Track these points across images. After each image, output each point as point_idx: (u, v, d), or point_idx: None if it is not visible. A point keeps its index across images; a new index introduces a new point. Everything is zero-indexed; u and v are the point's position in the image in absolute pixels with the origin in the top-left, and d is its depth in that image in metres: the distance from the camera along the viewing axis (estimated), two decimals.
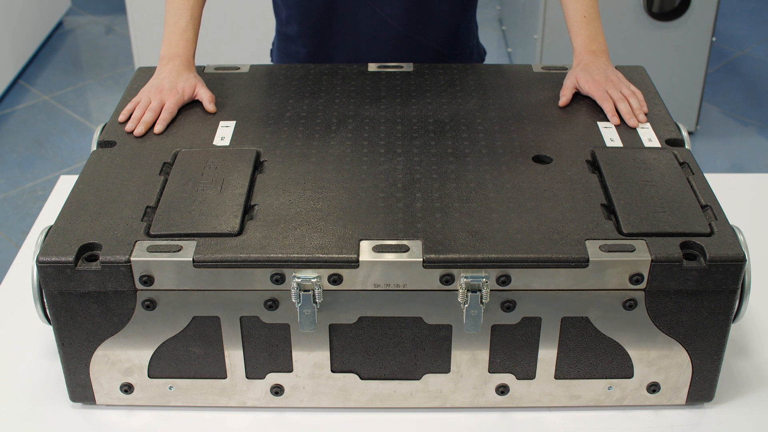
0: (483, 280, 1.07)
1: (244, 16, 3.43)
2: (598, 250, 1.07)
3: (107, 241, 1.09)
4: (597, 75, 1.43)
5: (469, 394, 1.17)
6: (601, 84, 1.41)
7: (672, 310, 1.10)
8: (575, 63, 1.48)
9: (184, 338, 1.13)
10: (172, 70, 1.44)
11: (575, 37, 1.50)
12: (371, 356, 1.15)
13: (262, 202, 1.17)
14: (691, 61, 3.27)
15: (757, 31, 4.38)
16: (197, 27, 1.50)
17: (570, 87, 1.43)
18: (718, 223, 1.12)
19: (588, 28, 1.49)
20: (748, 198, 1.60)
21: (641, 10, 3.17)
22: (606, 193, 1.19)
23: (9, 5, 3.76)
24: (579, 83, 1.43)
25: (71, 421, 1.17)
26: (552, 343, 1.13)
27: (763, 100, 3.77)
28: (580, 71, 1.44)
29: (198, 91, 1.42)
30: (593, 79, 1.42)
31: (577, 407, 1.18)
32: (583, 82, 1.42)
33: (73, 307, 1.10)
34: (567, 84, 1.44)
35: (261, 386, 1.17)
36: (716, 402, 1.19)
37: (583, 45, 1.48)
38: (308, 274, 1.07)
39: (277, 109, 1.40)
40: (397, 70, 1.52)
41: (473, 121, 1.37)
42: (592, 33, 1.49)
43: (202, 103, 1.42)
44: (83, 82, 3.96)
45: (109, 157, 1.28)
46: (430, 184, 1.20)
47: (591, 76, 1.42)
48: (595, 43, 1.48)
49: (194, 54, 1.49)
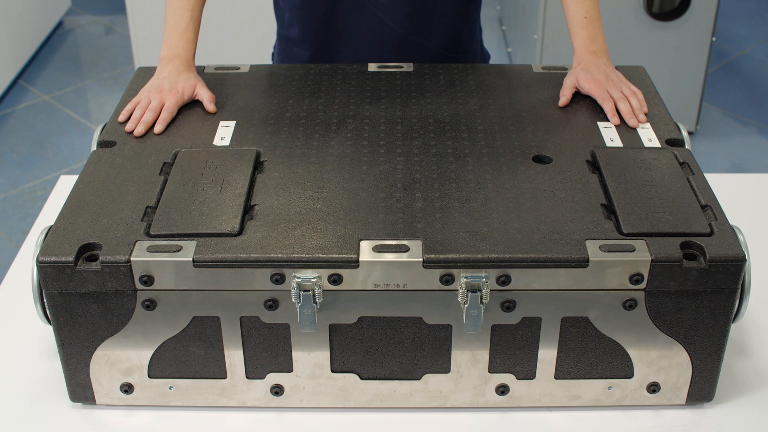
0: (483, 280, 1.07)
1: (245, 17, 3.43)
2: (598, 250, 1.08)
3: (107, 241, 1.09)
4: (597, 75, 1.43)
5: (469, 394, 1.17)
6: (602, 83, 1.41)
7: (672, 310, 1.10)
8: (575, 63, 1.49)
9: (184, 338, 1.13)
10: (172, 70, 1.44)
11: (576, 37, 1.50)
12: (371, 356, 1.15)
13: (262, 202, 1.17)
14: (691, 61, 3.27)
15: (757, 31, 4.38)
16: (197, 27, 1.50)
17: (570, 87, 1.43)
18: (718, 223, 1.12)
19: (589, 28, 1.49)
20: (748, 198, 1.60)
21: (641, 10, 3.17)
22: (606, 193, 1.19)
23: (9, 5, 3.76)
24: (579, 83, 1.43)
25: (71, 421, 1.17)
26: (552, 343, 1.13)
27: (763, 100, 3.77)
28: (581, 71, 1.44)
29: (198, 91, 1.42)
30: (594, 78, 1.42)
31: (577, 407, 1.18)
32: (584, 81, 1.42)
33: (73, 307, 1.10)
34: (567, 84, 1.44)
35: (261, 386, 1.17)
36: (716, 402, 1.19)
37: (584, 45, 1.49)
38: (308, 274, 1.07)
39: (277, 109, 1.40)
40: (397, 71, 1.52)
41: (473, 121, 1.37)
42: (592, 33, 1.49)
43: (202, 103, 1.42)
44: (83, 82, 3.96)
45: (109, 157, 1.28)
46: (430, 184, 1.20)
47: (591, 76, 1.42)
48: (596, 44, 1.48)
49: (194, 54, 1.49)
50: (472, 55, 1.73)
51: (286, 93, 1.45)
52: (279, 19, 1.71)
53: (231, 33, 3.45)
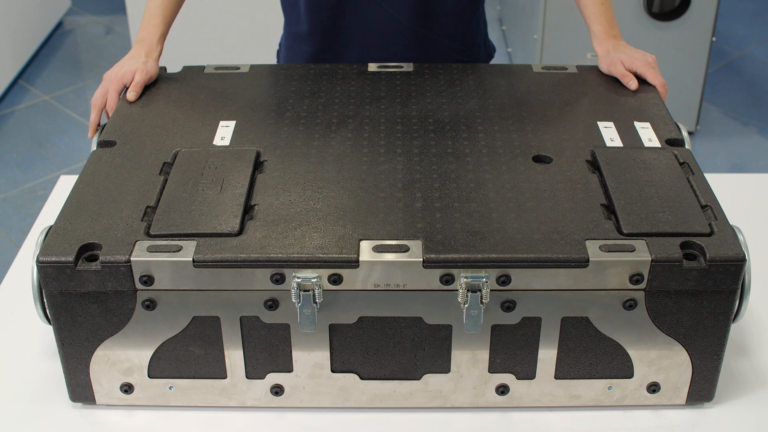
0: (483, 280, 1.07)
1: (247, 17, 3.43)
2: (598, 250, 1.07)
3: (107, 241, 1.09)
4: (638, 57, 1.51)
5: (469, 394, 1.17)
6: (649, 64, 1.50)
7: (672, 310, 1.10)
8: (600, 49, 1.55)
9: (184, 338, 1.13)
10: (130, 55, 1.52)
11: (595, 23, 1.56)
12: (371, 356, 1.15)
13: (262, 202, 1.17)
14: (691, 61, 3.27)
15: (757, 31, 4.38)
16: (168, 12, 1.56)
17: (625, 70, 1.49)
18: (718, 223, 1.12)
19: (606, 14, 1.56)
20: (748, 198, 1.60)
21: (641, 10, 3.17)
22: (606, 193, 1.19)
23: (9, 5, 3.76)
24: (632, 66, 1.49)
25: (71, 421, 1.17)
26: (552, 343, 1.13)
27: (763, 100, 3.77)
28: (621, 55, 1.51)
29: (135, 76, 1.47)
30: (638, 60, 1.50)
31: (577, 407, 1.18)
32: (632, 65, 1.49)
33: (73, 307, 1.10)
34: (618, 69, 1.50)
35: (261, 386, 1.17)
36: (716, 402, 1.19)
37: (605, 31, 1.55)
38: (308, 274, 1.07)
39: (277, 109, 1.40)
40: (397, 70, 1.52)
41: (473, 121, 1.37)
42: (610, 19, 1.57)
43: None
44: (83, 82, 3.96)
45: (109, 157, 1.28)
46: (430, 184, 1.20)
47: (634, 58, 1.50)
48: (614, 29, 1.57)
49: (160, 38, 1.54)
50: (476, 48, 1.74)
51: (286, 93, 1.45)
52: (286, 15, 1.72)
53: (233, 34, 3.45)
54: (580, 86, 1.48)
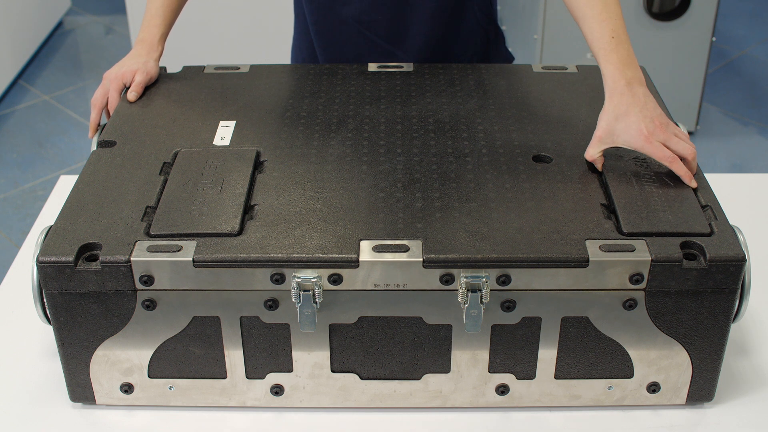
0: (483, 280, 1.07)
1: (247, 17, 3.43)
2: (598, 250, 1.07)
3: (107, 241, 1.09)
4: (639, 122, 1.18)
5: (469, 394, 1.17)
6: (649, 137, 1.18)
7: (672, 310, 1.10)
8: (608, 96, 1.22)
9: (184, 338, 1.13)
10: (131, 55, 1.51)
11: (605, 62, 1.23)
12: (371, 356, 1.15)
13: (262, 202, 1.17)
14: (691, 61, 3.27)
15: (757, 31, 4.38)
16: (169, 13, 1.55)
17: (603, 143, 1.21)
18: (718, 223, 1.12)
19: (619, 50, 1.23)
20: (748, 198, 1.60)
21: (641, 10, 3.17)
22: (606, 193, 1.19)
23: (9, 5, 3.76)
24: (618, 138, 1.20)
25: (71, 421, 1.17)
26: (552, 343, 1.13)
27: (763, 100, 3.77)
28: (615, 121, 1.20)
29: (135, 76, 1.46)
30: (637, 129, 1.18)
31: (577, 407, 1.18)
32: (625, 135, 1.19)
33: (73, 307, 1.10)
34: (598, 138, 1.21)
35: (261, 386, 1.17)
36: (716, 402, 1.19)
37: (617, 72, 1.21)
38: (308, 274, 1.07)
39: (277, 109, 1.40)
40: (397, 70, 1.52)
41: (473, 121, 1.37)
42: (623, 56, 1.22)
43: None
44: (83, 82, 3.96)
45: (109, 157, 1.28)
46: (430, 184, 1.20)
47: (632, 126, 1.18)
48: (630, 69, 1.21)
49: (162, 38, 1.54)
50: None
51: (286, 93, 1.45)
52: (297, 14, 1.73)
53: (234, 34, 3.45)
54: (580, 86, 1.48)
